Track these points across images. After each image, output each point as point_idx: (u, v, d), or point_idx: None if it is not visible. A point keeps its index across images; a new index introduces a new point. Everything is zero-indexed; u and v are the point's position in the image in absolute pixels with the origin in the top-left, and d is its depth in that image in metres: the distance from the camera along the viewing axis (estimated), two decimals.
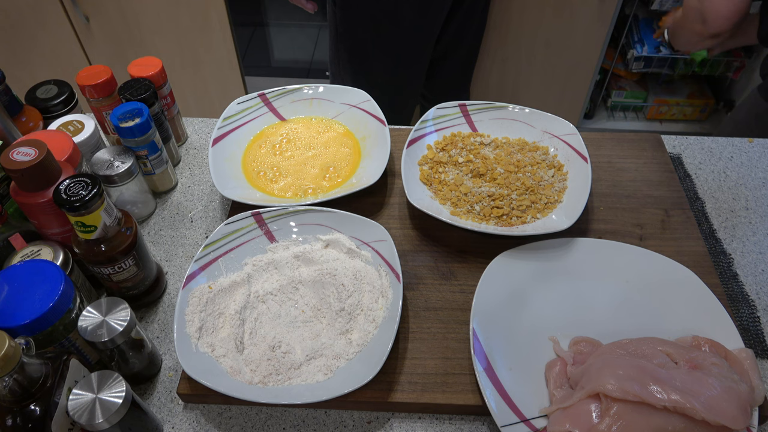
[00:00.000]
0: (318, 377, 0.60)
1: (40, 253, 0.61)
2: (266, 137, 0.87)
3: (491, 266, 0.67)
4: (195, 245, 0.77)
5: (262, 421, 0.61)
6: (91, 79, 0.78)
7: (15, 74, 1.61)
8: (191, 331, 0.62)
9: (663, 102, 2.00)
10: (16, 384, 0.46)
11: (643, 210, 0.77)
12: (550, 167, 0.79)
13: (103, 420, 0.47)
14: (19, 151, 0.59)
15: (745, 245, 0.75)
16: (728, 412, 0.51)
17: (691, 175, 0.84)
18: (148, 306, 0.70)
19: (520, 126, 0.84)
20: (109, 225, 0.59)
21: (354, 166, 0.82)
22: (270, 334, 0.64)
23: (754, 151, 0.88)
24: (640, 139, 0.87)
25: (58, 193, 0.55)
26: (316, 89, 0.90)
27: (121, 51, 1.78)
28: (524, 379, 0.59)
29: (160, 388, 0.63)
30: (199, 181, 0.86)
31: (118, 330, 0.54)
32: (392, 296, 0.65)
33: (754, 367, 0.57)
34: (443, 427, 0.60)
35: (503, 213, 0.73)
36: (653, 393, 0.51)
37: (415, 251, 0.73)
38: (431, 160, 0.81)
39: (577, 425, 0.53)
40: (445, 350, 0.63)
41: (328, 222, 0.72)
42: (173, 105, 0.87)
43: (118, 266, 0.62)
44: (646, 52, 1.82)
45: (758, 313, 0.68)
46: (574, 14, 1.64)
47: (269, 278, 0.69)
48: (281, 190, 0.79)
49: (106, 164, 0.73)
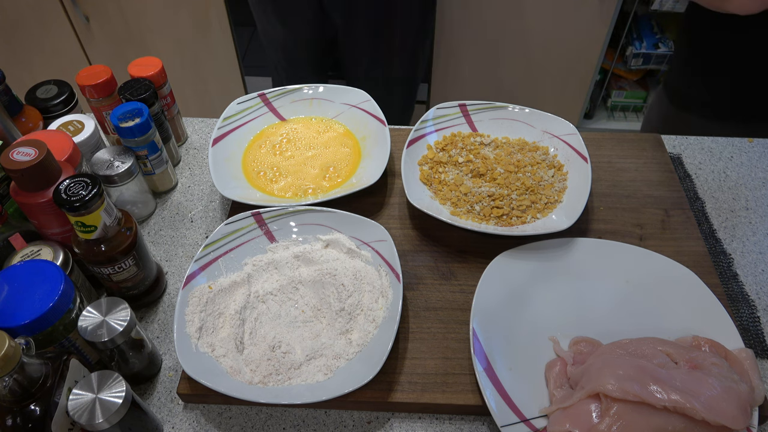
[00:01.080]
0: (318, 377, 0.60)
1: (40, 253, 0.61)
2: (266, 137, 0.87)
3: (491, 266, 0.67)
4: (195, 245, 0.77)
5: (262, 421, 0.61)
6: (91, 79, 0.78)
7: (15, 74, 1.61)
8: (191, 331, 0.62)
9: None
10: (16, 384, 0.46)
11: (643, 210, 0.77)
12: (550, 167, 0.79)
13: (103, 420, 0.47)
14: (19, 151, 0.59)
15: (745, 245, 0.75)
16: (728, 412, 0.51)
17: (691, 175, 0.84)
18: (148, 306, 0.70)
19: (520, 126, 0.84)
20: (109, 225, 0.59)
21: (354, 166, 0.82)
22: (270, 334, 0.64)
23: (754, 151, 0.88)
24: (640, 139, 0.87)
25: (58, 193, 0.55)
26: (316, 89, 0.90)
27: (121, 51, 1.78)
28: (524, 379, 0.59)
29: (160, 388, 0.63)
30: (199, 181, 0.86)
31: (118, 330, 0.54)
32: (392, 296, 0.65)
33: (754, 367, 0.57)
34: (443, 427, 0.60)
35: (503, 213, 0.73)
36: (653, 393, 0.51)
37: (415, 251, 0.73)
38: (431, 160, 0.81)
39: (577, 425, 0.53)
40: (445, 350, 0.63)
41: (328, 222, 0.72)
42: (173, 105, 0.87)
43: (118, 266, 0.62)
44: (644, 49, 1.83)
45: (758, 313, 0.68)
46: (574, 14, 1.64)
47: (269, 278, 0.69)
48: (281, 190, 0.79)
49: (106, 164, 0.73)
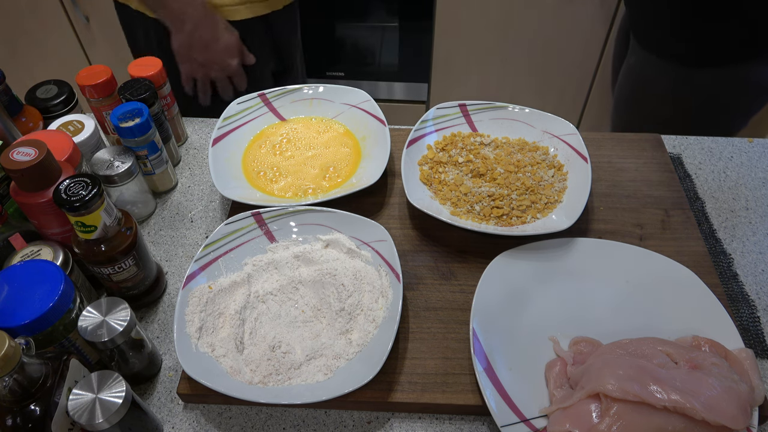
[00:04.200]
0: (318, 377, 0.60)
1: (40, 253, 0.61)
2: (266, 137, 0.87)
3: (491, 266, 0.67)
4: (195, 245, 0.77)
5: (262, 421, 0.61)
6: (91, 79, 0.78)
7: (15, 74, 1.61)
8: (191, 331, 0.62)
9: None
10: (16, 384, 0.46)
11: (643, 210, 0.77)
12: (550, 167, 0.79)
13: (103, 420, 0.47)
14: (19, 151, 0.59)
15: (745, 245, 0.75)
16: (728, 412, 0.51)
17: (691, 175, 0.84)
18: (148, 306, 0.70)
19: (520, 126, 0.84)
20: (109, 225, 0.59)
21: (354, 166, 0.82)
22: (270, 334, 0.64)
23: (754, 151, 0.88)
24: (640, 139, 0.87)
25: (58, 193, 0.55)
26: (316, 89, 0.90)
27: (121, 51, 1.78)
28: (524, 379, 0.59)
29: (160, 388, 0.63)
30: (199, 181, 0.86)
31: (118, 330, 0.54)
32: (392, 296, 0.65)
33: (754, 367, 0.57)
34: (443, 427, 0.60)
35: (503, 213, 0.73)
36: (653, 393, 0.51)
37: (415, 251, 0.73)
38: (431, 160, 0.81)
39: (577, 425, 0.53)
40: (445, 350, 0.63)
41: (328, 222, 0.72)
42: (173, 105, 0.87)
43: (118, 266, 0.62)
44: None
45: (758, 313, 0.68)
46: (574, 14, 1.64)
47: (269, 278, 0.69)
48: (281, 190, 0.79)
49: (106, 164, 0.73)
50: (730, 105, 1.02)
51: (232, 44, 0.99)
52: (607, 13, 1.63)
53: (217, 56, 0.99)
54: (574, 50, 1.73)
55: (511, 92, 1.87)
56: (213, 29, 0.96)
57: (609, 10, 1.62)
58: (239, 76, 1.04)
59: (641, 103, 1.10)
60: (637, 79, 1.08)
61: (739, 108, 1.04)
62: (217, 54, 0.98)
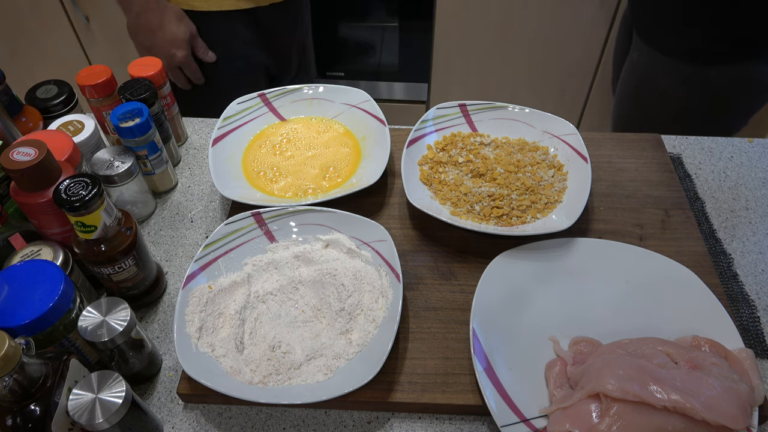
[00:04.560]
0: (318, 377, 0.60)
1: (40, 253, 0.61)
2: (266, 137, 0.87)
3: (491, 266, 0.67)
4: (195, 245, 0.77)
5: (262, 421, 0.61)
6: (91, 79, 0.78)
7: (15, 74, 1.61)
8: (191, 331, 0.62)
9: None
10: (16, 384, 0.46)
11: (643, 210, 0.77)
12: (550, 167, 0.79)
13: (103, 420, 0.47)
14: (19, 151, 0.59)
15: (745, 245, 0.75)
16: (728, 412, 0.51)
17: (691, 175, 0.84)
18: (148, 306, 0.70)
19: (520, 126, 0.84)
20: (109, 225, 0.59)
21: (354, 166, 0.82)
22: (270, 334, 0.64)
23: (754, 151, 0.88)
24: (640, 139, 0.87)
25: (58, 193, 0.55)
26: (316, 89, 0.90)
27: (121, 51, 1.78)
28: (524, 379, 0.59)
29: (160, 388, 0.63)
30: (199, 181, 0.86)
31: (118, 330, 0.54)
32: (392, 296, 0.65)
33: (754, 367, 0.57)
34: (443, 427, 0.60)
35: (503, 213, 0.73)
36: (653, 393, 0.51)
37: (415, 251, 0.73)
38: (431, 160, 0.81)
39: (577, 425, 0.53)
40: (445, 350, 0.63)
41: (328, 222, 0.72)
42: (173, 105, 0.87)
43: (118, 266, 0.62)
44: None
45: (758, 313, 0.68)
46: (574, 14, 1.64)
47: (269, 278, 0.69)
48: (281, 190, 0.79)
49: (106, 164, 0.73)
50: (732, 102, 1.03)
51: (179, 35, 0.97)
52: (608, 13, 1.63)
53: (160, 44, 0.97)
54: (574, 50, 1.73)
55: (511, 92, 1.87)
56: (160, 16, 0.95)
57: (609, 9, 1.62)
58: (189, 68, 1.02)
59: (644, 99, 1.10)
60: (640, 75, 1.08)
61: (740, 106, 1.04)
62: (161, 42, 0.97)
